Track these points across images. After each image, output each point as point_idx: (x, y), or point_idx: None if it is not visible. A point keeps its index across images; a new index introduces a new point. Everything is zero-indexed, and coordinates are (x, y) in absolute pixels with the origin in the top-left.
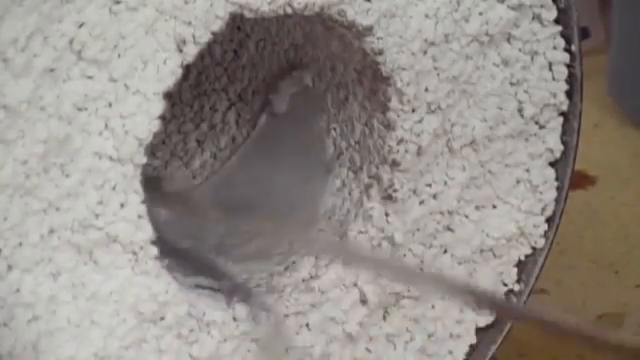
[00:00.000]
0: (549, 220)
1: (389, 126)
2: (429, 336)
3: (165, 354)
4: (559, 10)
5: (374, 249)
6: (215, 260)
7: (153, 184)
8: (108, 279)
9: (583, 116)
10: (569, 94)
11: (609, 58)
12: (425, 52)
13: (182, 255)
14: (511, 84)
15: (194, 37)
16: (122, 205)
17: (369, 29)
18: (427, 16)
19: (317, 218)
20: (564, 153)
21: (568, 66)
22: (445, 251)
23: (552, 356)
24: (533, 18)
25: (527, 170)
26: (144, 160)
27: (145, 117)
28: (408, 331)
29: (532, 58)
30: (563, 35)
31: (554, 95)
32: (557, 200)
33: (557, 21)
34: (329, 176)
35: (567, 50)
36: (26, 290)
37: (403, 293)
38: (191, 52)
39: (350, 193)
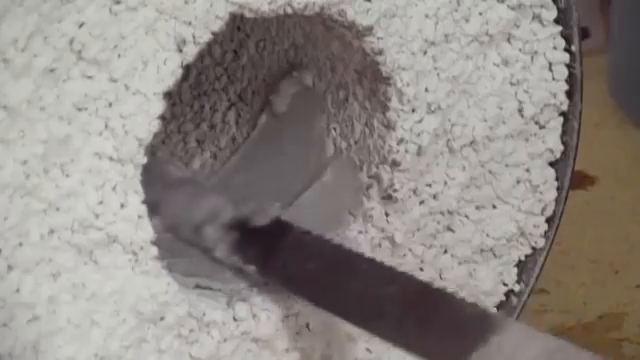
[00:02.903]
0: (549, 220)
1: (389, 126)
2: None
3: (165, 354)
4: (559, 10)
5: (374, 249)
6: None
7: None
8: (108, 279)
9: (583, 116)
10: (569, 94)
11: (609, 58)
12: (425, 52)
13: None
14: (511, 84)
15: (194, 37)
16: (122, 205)
17: (369, 29)
18: (427, 16)
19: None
20: (564, 153)
21: (568, 66)
22: (445, 251)
23: None
24: (533, 18)
25: (527, 170)
26: (144, 160)
27: (145, 117)
28: None
29: (532, 58)
30: (563, 35)
31: (554, 95)
32: (557, 200)
33: (557, 21)
34: None
35: (567, 50)
36: (26, 290)
37: None
38: (191, 52)
39: None
